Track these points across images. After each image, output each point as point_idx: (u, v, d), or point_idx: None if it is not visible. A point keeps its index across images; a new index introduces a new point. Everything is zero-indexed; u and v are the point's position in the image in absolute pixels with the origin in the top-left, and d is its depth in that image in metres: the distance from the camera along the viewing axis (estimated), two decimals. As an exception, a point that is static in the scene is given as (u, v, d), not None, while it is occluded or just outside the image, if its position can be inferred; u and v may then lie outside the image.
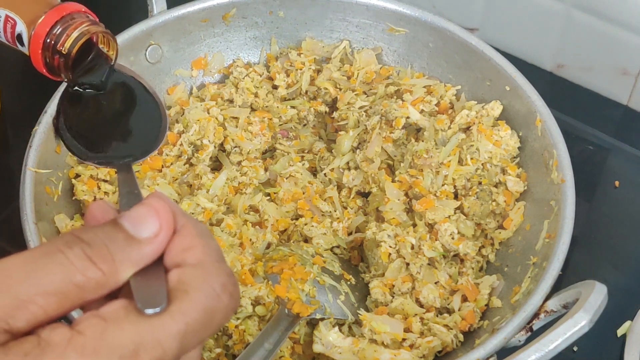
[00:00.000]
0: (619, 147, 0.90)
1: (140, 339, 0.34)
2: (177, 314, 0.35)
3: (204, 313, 0.36)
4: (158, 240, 0.37)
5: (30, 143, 0.71)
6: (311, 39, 0.86)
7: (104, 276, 0.35)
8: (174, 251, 0.38)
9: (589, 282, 0.63)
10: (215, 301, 0.36)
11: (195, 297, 0.36)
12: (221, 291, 0.37)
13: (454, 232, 0.72)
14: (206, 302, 0.36)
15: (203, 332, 0.36)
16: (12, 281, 0.34)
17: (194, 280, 0.37)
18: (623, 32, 0.89)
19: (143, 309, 0.35)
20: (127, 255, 0.36)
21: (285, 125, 0.82)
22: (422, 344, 0.66)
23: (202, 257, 0.38)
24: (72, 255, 0.35)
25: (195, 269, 0.37)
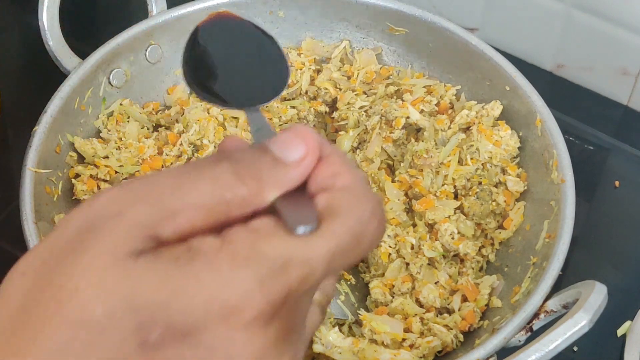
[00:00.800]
0: (619, 147, 0.90)
1: (289, 254, 0.34)
2: (327, 234, 0.35)
3: (352, 236, 0.35)
4: (304, 164, 0.36)
5: (30, 143, 0.71)
6: (311, 39, 0.86)
7: (250, 194, 0.35)
8: (321, 177, 0.37)
9: (589, 282, 0.63)
10: (364, 226, 0.36)
11: (345, 219, 0.35)
12: (370, 216, 0.36)
13: (454, 232, 0.72)
14: (355, 225, 0.36)
15: (349, 257, 0.36)
16: (162, 193, 0.34)
17: (343, 204, 0.36)
18: (623, 32, 0.89)
19: (293, 228, 0.35)
20: (273, 176, 0.36)
21: (285, 125, 0.82)
22: (422, 344, 0.66)
23: (351, 182, 0.37)
24: (220, 171, 0.35)
25: (344, 192, 0.36)
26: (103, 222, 0.33)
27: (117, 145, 0.77)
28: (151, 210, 0.34)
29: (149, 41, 0.81)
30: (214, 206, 0.34)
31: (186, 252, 0.33)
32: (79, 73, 0.76)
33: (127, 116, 0.81)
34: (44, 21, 0.77)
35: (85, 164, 0.76)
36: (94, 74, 0.77)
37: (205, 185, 0.34)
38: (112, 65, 0.79)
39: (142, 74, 0.82)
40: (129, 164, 0.76)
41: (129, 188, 0.35)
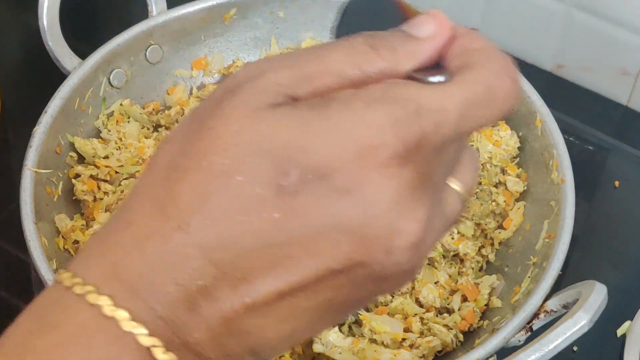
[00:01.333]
0: (618, 147, 0.90)
1: (423, 99, 0.33)
2: (460, 83, 0.35)
3: (486, 88, 0.35)
4: (438, 38, 0.36)
5: (30, 143, 0.71)
6: (311, 39, 0.86)
7: (385, 63, 0.35)
8: (455, 50, 0.37)
9: (589, 282, 0.63)
10: (498, 80, 0.35)
11: (479, 71, 0.35)
12: (505, 71, 0.36)
13: (454, 232, 0.73)
14: (489, 77, 0.35)
15: (483, 112, 0.35)
16: (300, 60, 0.35)
17: (476, 60, 0.36)
18: (623, 32, 0.89)
19: (426, 78, 0.35)
20: (407, 48, 0.36)
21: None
22: (422, 344, 0.66)
23: (486, 44, 0.37)
24: (356, 43, 0.35)
25: (477, 51, 0.36)
26: (243, 83, 0.34)
27: (117, 146, 0.78)
28: (290, 72, 0.34)
29: (149, 41, 0.81)
30: (349, 73, 0.34)
31: (321, 100, 0.33)
32: (79, 73, 0.76)
33: (127, 116, 0.81)
34: (44, 21, 0.77)
35: (86, 164, 0.76)
36: (94, 74, 0.77)
37: (341, 54, 0.35)
38: (112, 65, 0.79)
39: (143, 74, 0.82)
40: (129, 164, 0.76)
41: (270, 58, 0.36)
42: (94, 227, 0.71)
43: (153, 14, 0.81)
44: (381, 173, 0.32)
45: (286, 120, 0.33)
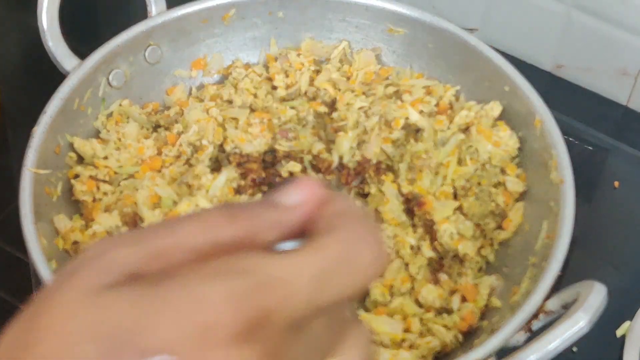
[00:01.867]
0: (618, 148, 0.90)
1: (269, 270, 0.31)
2: (314, 249, 0.32)
3: (343, 254, 0.32)
4: (304, 207, 0.34)
5: (30, 143, 0.71)
6: (310, 40, 0.86)
7: (242, 233, 0.33)
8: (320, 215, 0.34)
9: (589, 283, 0.63)
10: (357, 244, 0.33)
11: (336, 235, 0.32)
12: (364, 236, 0.33)
13: (453, 233, 0.72)
14: (347, 242, 0.32)
15: (342, 279, 0.32)
16: (150, 235, 0.32)
17: (337, 222, 0.33)
18: (623, 33, 0.89)
19: (275, 247, 0.33)
20: (269, 218, 0.33)
21: (284, 125, 0.82)
22: (421, 344, 0.66)
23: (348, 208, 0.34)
24: (213, 213, 0.33)
25: (340, 215, 0.34)
26: (83, 264, 0.32)
27: (117, 146, 0.78)
28: (135, 249, 0.32)
29: (149, 42, 0.81)
30: (202, 246, 0.32)
31: (161, 277, 0.31)
32: (79, 74, 0.76)
33: (126, 117, 0.81)
34: (43, 22, 0.77)
35: (85, 165, 0.76)
36: (93, 75, 0.77)
37: (195, 226, 0.33)
38: (112, 65, 0.79)
39: (142, 74, 0.82)
40: (128, 164, 0.76)
41: (120, 235, 0.34)
42: (93, 228, 0.71)
43: (152, 14, 0.81)
44: (220, 354, 0.30)
45: (120, 301, 0.30)
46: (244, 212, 0.33)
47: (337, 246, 0.32)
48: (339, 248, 0.32)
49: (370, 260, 0.33)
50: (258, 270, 0.31)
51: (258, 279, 0.31)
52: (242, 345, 0.30)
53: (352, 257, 0.32)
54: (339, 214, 0.34)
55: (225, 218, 0.33)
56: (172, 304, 0.30)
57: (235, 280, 0.30)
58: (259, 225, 0.33)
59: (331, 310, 0.33)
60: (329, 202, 0.35)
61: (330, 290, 0.32)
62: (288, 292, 0.31)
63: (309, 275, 0.31)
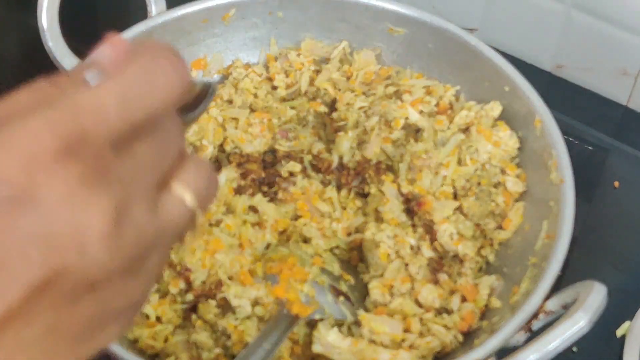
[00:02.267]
0: (618, 148, 0.90)
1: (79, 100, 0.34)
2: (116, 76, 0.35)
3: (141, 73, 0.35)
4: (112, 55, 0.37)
5: (30, 143, 0.71)
6: (310, 40, 0.86)
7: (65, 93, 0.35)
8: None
9: (588, 283, 0.63)
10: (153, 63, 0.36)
11: (135, 62, 0.36)
12: (159, 54, 0.36)
13: (453, 233, 0.72)
14: (144, 63, 0.36)
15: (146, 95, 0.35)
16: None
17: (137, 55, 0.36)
18: (623, 33, 0.89)
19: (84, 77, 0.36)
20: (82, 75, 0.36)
21: (284, 125, 0.82)
22: (421, 344, 0.66)
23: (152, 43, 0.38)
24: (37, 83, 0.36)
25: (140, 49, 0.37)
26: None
27: (117, 146, 0.77)
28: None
29: (149, 42, 0.81)
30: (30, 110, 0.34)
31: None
32: (79, 74, 0.76)
33: (126, 117, 0.80)
34: (43, 22, 0.77)
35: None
36: (93, 75, 0.77)
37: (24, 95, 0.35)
38: (112, 65, 0.79)
39: (142, 74, 0.82)
40: (128, 164, 0.76)
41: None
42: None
43: (152, 14, 0.81)
44: (47, 174, 0.32)
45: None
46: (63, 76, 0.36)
47: (136, 68, 0.35)
48: (137, 69, 0.35)
49: (168, 73, 0.36)
50: (71, 100, 0.34)
51: (70, 106, 0.33)
52: (65, 163, 0.32)
53: (150, 74, 0.35)
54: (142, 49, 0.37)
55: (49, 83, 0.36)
56: (3, 140, 0.32)
57: (52, 110, 0.33)
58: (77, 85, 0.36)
59: (151, 130, 0.36)
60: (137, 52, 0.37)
61: (138, 106, 0.35)
62: (98, 113, 0.34)
63: (114, 96, 0.34)
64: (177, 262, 0.70)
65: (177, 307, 0.70)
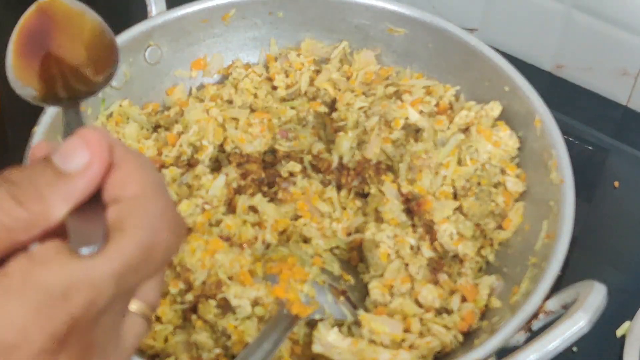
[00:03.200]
0: (618, 148, 0.90)
1: (70, 280, 0.31)
2: (113, 253, 0.33)
3: (141, 250, 0.34)
4: (90, 173, 0.34)
5: (30, 143, 0.71)
6: (310, 40, 0.86)
7: (33, 215, 0.33)
8: (111, 186, 0.34)
9: (588, 282, 0.63)
10: (154, 237, 0.34)
11: (132, 233, 0.33)
12: (161, 226, 0.34)
13: (453, 233, 0.72)
14: (145, 239, 0.34)
15: (142, 270, 0.34)
16: None
17: (130, 217, 0.34)
18: (623, 33, 0.89)
19: (77, 249, 0.33)
20: (56, 191, 0.33)
21: (284, 125, 0.82)
22: (421, 345, 0.66)
23: (140, 190, 0.35)
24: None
25: (132, 203, 0.34)
26: None
27: (117, 146, 0.77)
28: None
29: (149, 42, 0.81)
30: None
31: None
32: (79, 74, 0.76)
33: (126, 117, 0.81)
34: (43, 22, 0.76)
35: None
36: (93, 75, 0.77)
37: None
38: (112, 66, 0.79)
39: (142, 74, 0.82)
40: (128, 164, 0.76)
41: None
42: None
43: (152, 14, 0.81)
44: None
45: None
46: (30, 192, 0.33)
47: (137, 244, 0.33)
48: (138, 246, 0.33)
49: (167, 245, 0.35)
50: (60, 281, 0.31)
51: (62, 289, 0.31)
52: (56, 356, 0.30)
53: (151, 250, 0.34)
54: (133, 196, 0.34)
55: (9, 200, 0.33)
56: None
57: (39, 294, 0.30)
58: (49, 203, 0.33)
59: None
60: (121, 164, 0.35)
61: (134, 279, 0.34)
62: (93, 295, 0.32)
63: (111, 277, 0.32)
64: (176, 263, 0.70)
65: (177, 307, 0.70)
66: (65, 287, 0.31)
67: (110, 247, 0.33)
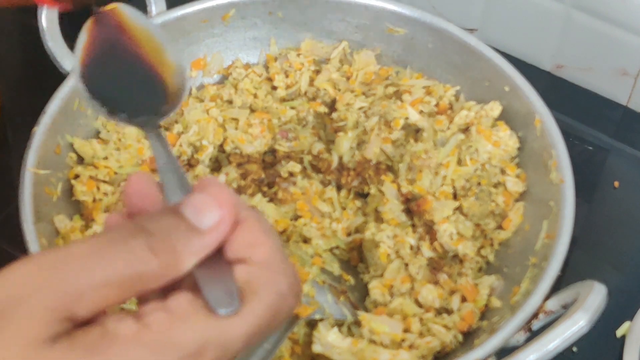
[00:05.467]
0: (618, 148, 0.90)
1: (207, 338, 0.34)
2: (247, 315, 0.35)
3: (271, 313, 0.36)
4: (220, 230, 0.36)
5: (30, 144, 0.71)
6: (310, 40, 0.86)
7: (166, 267, 0.35)
8: (238, 245, 0.37)
9: (588, 282, 0.63)
10: (282, 302, 0.36)
11: (264, 298, 0.36)
12: (288, 292, 0.37)
13: (453, 233, 0.73)
14: (274, 303, 0.36)
15: (267, 332, 0.37)
16: (77, 270, 0.34)
17: (262, 281, 0.36)
18: (623, 33, 0.89)
19: (216, 309, 0.35)
20: (189, 245, 0.35)
21: (284, 126, 0.82)
22: (421, 344, 0.66)
23: (270, 256, 0.37)
24: (135, 246, 0.35)
25: (263, 268, 0.36)
26: (14, 306, 0.33)
27: (117, 146, 0.78)
28: (59, 292, 0.33)
29: (149, 42, 0.81)
30: (127, 282, 0.34)
31: (102, 337, 0.33)
32: (79, 74, 0.76)
33: (126, 117, 0.80)
34: (43, 22, 0.77)
35: (85, 165, 0.76)
36: (93, 75, 0.77)
37: (120, 261, 0.34)
38: (112, 66, 0.79)
39: (142, 74, 0.82)
40: (128, 165, 0.76)
41: (30, 268, 0.34)
42: (93, 228, 0.71)
43: (152, 14, 0.81)
44: None
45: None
46: (164, 243, 0.35)
47: (266, 309, 0.36)
48: (268, 309, 0.36)
49: (290, 310, 0.37)
50: (198, 338, 0.33)
51: (198, 346, 0.33)
52: None
53: (278, 313, 0.36)
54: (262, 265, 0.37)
55: (148, 251, 0.35)
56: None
57: (178, 351, 0.33)
58: (179, 255, 0.35)
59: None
60: (245, 223, 0.37)
61: (257, 341, 0.36)
62: (223, 352, 0.34)
63: (242, 337, 0.35)
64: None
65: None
66: (201, 345, 0.34)
67: (245, 309, 0.36)
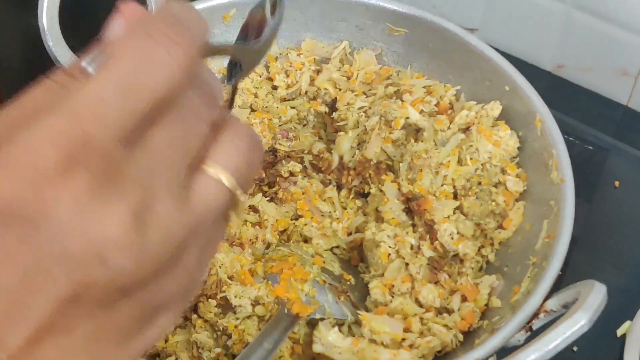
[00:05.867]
0: (618, 148, 0.90)
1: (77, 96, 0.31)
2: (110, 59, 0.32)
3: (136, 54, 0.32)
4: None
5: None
6: (311, 40, 0.86)
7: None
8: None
9: (589, 282, 0.63)
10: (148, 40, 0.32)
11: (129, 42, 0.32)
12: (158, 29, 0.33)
13: (454, 232, 0.73)
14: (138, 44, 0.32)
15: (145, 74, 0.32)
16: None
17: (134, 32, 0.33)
18: (623, 33, 0.89)
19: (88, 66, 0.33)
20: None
21: (285, 125, 0.82)
22: (421, 344, 0.66)
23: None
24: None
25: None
26: None
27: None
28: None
29: (149, 42, 0.81)
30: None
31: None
32: (79, 73, 0.76)
33: (126, 116, 0.80)
34: (43, 21, 0.77)
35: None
36: (93, 75, 0.77)
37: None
38: (112, 65, 0.79)
39: (142, 74, 0.82)
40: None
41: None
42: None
43: (153, 14, 0.81)
44: (54, 190, 0.30)
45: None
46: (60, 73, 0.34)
47: (131, 50, 0.32)
48: (132, 51, 0.32)
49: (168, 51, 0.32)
50: (66, 102, 0.31)
51: (67, 109, 0.31)
52: (70, 174, 0.30)
53: (147, 55, 0.32)
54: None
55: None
56: (6, 160, 0.30)
57: (49, 119, 0.30)
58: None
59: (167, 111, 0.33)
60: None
61: (141, 93, 0.32)
62: (98, 112, 0.31)
63: (111, 89, 0.31)
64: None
65: (178, 306, 0.70)
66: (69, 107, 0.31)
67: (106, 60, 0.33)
